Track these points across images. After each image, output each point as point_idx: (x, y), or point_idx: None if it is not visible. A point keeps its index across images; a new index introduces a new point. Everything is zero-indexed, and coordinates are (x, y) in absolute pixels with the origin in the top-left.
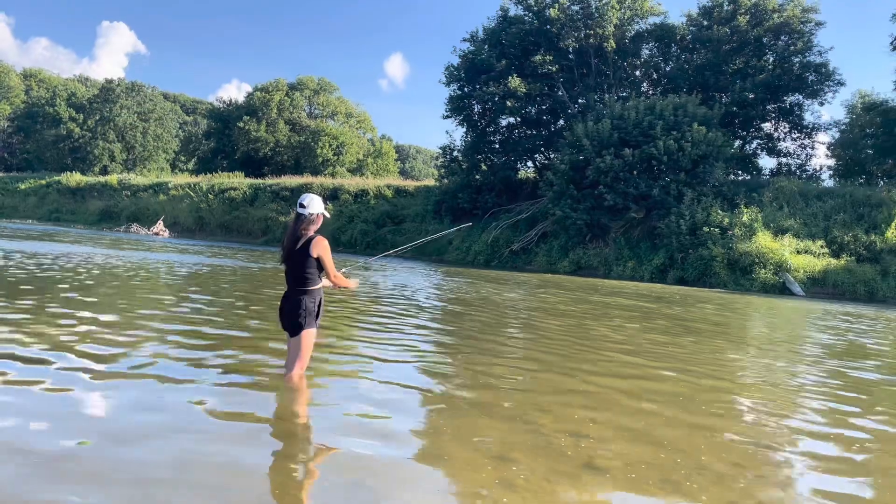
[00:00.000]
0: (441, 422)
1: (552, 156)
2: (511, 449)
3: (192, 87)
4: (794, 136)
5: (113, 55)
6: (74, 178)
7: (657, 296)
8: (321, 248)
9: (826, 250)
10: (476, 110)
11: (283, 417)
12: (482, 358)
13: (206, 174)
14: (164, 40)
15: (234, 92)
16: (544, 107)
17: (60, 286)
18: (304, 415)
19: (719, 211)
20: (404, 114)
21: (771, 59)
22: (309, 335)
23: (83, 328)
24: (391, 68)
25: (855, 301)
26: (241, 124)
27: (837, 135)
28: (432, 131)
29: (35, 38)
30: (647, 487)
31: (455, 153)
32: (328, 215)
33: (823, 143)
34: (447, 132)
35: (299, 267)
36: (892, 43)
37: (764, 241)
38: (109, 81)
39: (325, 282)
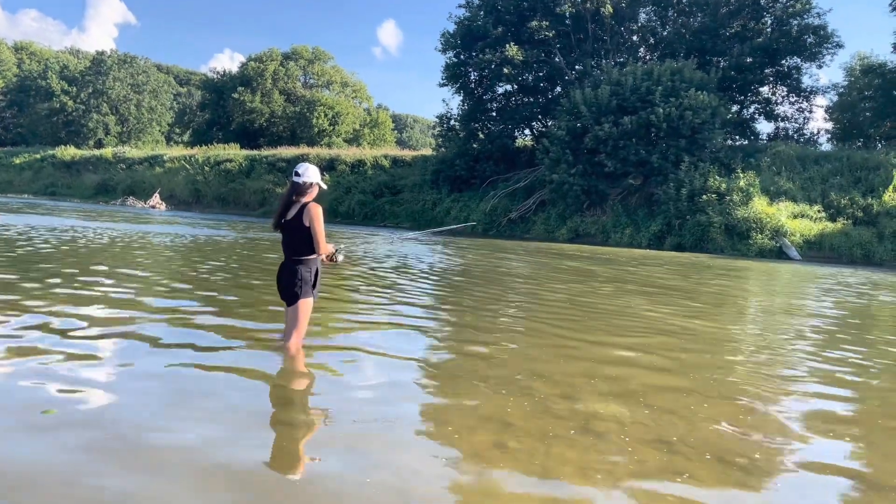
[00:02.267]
0: (436, 387)
1: (549, 123)
2: (506, 413)
3: (183, 58)
4: (792, 99)
5: (102, 26)
6: (69, 152)
7: (659, 262)
8: (313, 215)
9: (823, 214)
10: (472, 78)
11: (280, 385)
12: (477, 323)
13: (201, 146)
14: (154, 10)
15: (227, 62)
16: (541, 73)
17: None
18: (301, 382)
19: (717, 177)
20: (399, 82)
21: (769, 21)
22: (305, 305)
23: (79, 299)
24: (384, 36)
25: (852, 264)
26: (235, 95)
27: (836, 98)
28: (428, 100)
29: (24, 10)
30: (640, 447)
31: (452, 122)
32: (324, 186)
33: (821, 107)
34: (444, 100)
35: (294, 236)
36: (891, 4)
37: (761, 205)
38: (101, 53)
39: (322, 249)
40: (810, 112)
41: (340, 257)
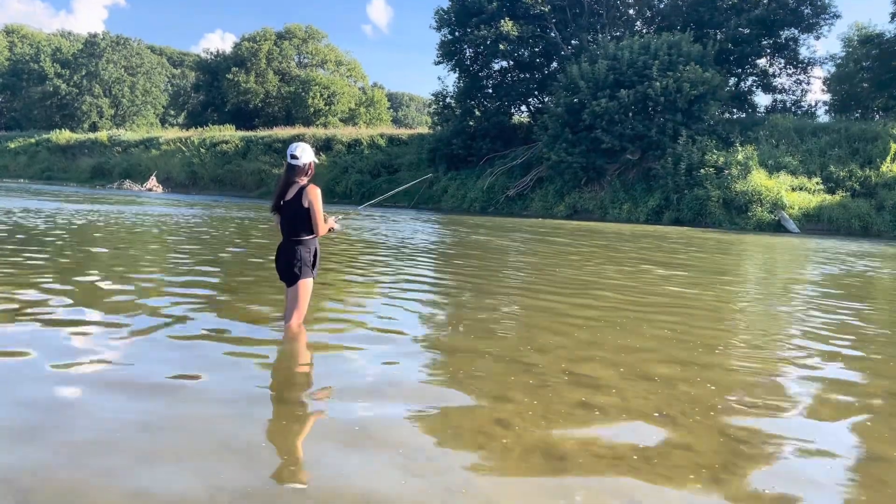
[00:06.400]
0: (438, 365)
1: (546, 99)
2: (508, 389)
3: (174, 39)
4: (790, 71)
5: (91, 8)
6: (64, 136)
7: (661, 237)
8: (312, 196)
9: (821, 186)
10: (468, 55)
11: (282, 366)
12: (476, 300)
13: (196, 128)
14: None
15: (219, 42)
16: (537, 49)
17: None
18: (303, 363)
19: (714, 150)
20: (392, 60)
21: None
22: (305, 285)
23: (77, 283)
24: (374, 13)
25: (850, 236)
26: (230, 76)
27: (833, 69)
28: (421, 76)
29: None
30: (641, 422)
31: (448, 99)
32: (317, 161)
33: (819, 78)
34: (439, 78)
35: (293, 217)
36: None
37: (759, 179)
38: (94, 35)
39: (320, 230)
40: (808, 84)
41: (337, 226)
